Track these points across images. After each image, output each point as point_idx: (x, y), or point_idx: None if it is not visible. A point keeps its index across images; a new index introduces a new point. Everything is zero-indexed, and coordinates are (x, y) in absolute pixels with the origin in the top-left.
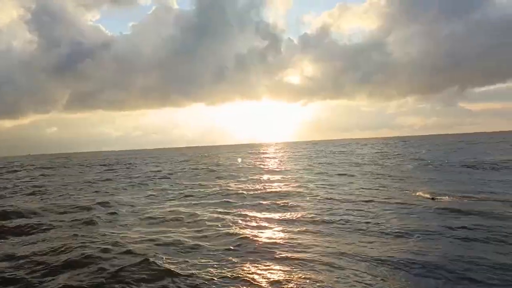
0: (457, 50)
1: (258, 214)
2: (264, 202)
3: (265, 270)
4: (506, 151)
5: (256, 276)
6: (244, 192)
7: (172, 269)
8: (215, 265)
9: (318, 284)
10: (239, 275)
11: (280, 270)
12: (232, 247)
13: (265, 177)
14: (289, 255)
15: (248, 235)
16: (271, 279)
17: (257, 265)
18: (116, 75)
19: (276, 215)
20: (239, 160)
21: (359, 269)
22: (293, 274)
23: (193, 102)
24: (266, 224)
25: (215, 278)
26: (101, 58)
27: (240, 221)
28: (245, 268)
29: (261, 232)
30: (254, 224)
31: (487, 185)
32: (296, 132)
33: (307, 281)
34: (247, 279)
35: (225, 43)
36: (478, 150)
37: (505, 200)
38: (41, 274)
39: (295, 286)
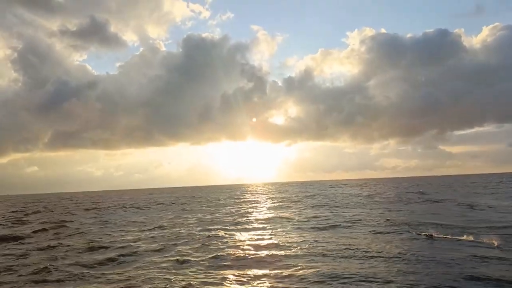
0: (434, 95)
1: None
2: None
3: None
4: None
5: None
6: None
7: None
8: None
9: None
10: None
11: None
12: None
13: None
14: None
15: None
16: None
17: None
18: (100, 114)
19: None
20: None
21: None
22: None
23: (178, 142)
24: None
25: None
26: (86, 98)
27: None
28: None
29: None
30: None
31: None
32: (281, 173)
33: None
34: None
35: (210, 84)
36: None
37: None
38: None
39: None
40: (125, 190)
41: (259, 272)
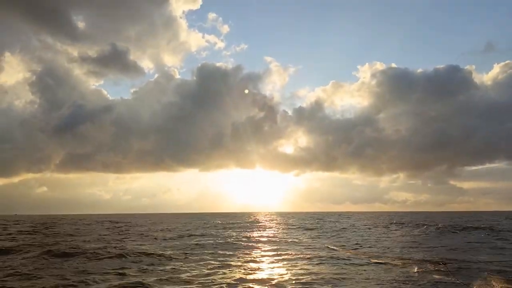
0: (444, 130)
1: None
2: None
3: None
4: None
5: None
6: None
7: None
8: None
9: None
10: None
11: None
12: None
13: None
14: None
15: None
16: None
17: None
18: (113, 138)
19: None
20: None
21: None
22: None
23: (187, 168)
24: None
25: None
26: (100, 121)
27: None
28: None
29: None
30: None
31: None
32: (289, 203)
33: None
34: None
35: (222, 112)
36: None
37: None
38: None
39: None
40: (133, 214)
41: None
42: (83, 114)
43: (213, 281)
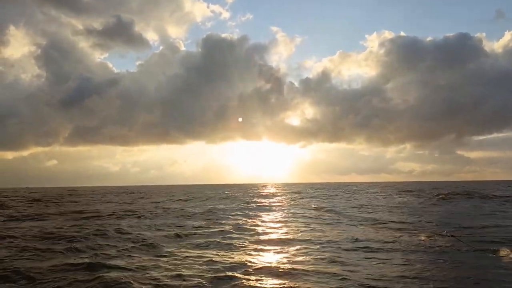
0: (453, 99)
1: None
2: None
3: None
4: None
5: None
6: None
7: None
8: None
9: None
10: None
11: None
12: None
13: None
14: None
15: None
16: None
17: None
18: (119, 111)
19: None
20: None
21: None
22: None
23: (194, 140)
24: None
25: None
26: (106, 94)
27: None
28: None
29: None
30: None
31: None
32: (294, 174)
33: None
34: None
35: (228, 84)
36: None
37: None
38: None
39: None
40: (141, 186)
41: None
42: (90, 87)
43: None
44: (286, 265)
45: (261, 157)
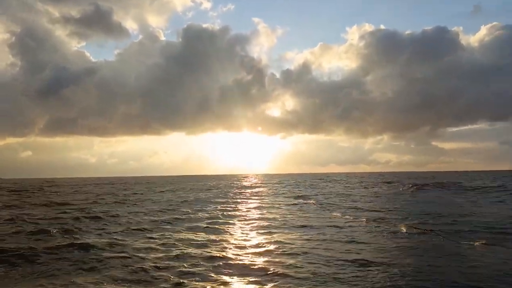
0: (429, 91)
1: None
2: None
3: None
4: None
5: None
6: None
7: None
8: None
9: None
10: None
11: None
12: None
13: None
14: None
15: None
16: None
17: None
18: (97, 101)
19: None
20: None
21: None
22: None
23: (174, 131)
24: None
25: None
26: (84, 84)
27: None
28: None
29: None
30: None
31: None
32: (275, 165)
33: None
34: None
35: (209, 75)
36: None
37: None
38: None
39: None
40: (119, 177)
41: None
42: (66, 77)
43: None
44: (266, 246)
45: (241, 148)
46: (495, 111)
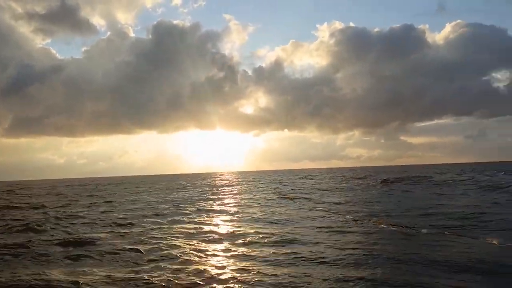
0: (397, 89)
1: None
2: None
3: None
4: None
5: None
6: None
7: None
8: None
9: None
10: None
11: None
12: None
13: None
14: None
15: None
16: None
17: None
18: (64, 100)
19: None
20: None
21: None
22: None
23: (145, 130)
24: None
25: None
26: (50, 82)
27: None
28: None
29: None
30: None
31: None
32: (248, 162)
33: None
34: None
35: (180, 72)
36: None
37: None
38: None
39: None
40: (89, 178)
41: None
42: (31, 75)
43: None
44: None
45: (215, 146)
46: (460, 107)
